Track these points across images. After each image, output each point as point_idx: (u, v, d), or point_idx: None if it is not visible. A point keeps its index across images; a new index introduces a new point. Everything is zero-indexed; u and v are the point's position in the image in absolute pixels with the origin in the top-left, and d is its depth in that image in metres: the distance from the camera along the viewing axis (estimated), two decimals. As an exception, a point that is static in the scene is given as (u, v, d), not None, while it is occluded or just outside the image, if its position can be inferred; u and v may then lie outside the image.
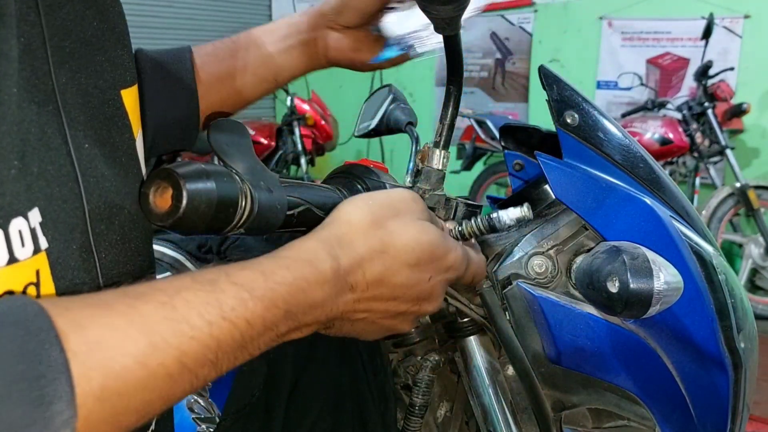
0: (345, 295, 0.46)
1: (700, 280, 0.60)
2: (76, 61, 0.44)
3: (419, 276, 0.49)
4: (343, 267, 0.45)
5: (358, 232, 0.47)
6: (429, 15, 0.56)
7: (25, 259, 0.37)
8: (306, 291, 0.42)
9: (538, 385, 0.66)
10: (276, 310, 0.40)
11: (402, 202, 0.51)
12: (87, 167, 0.43)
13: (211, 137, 0.48)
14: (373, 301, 0.48)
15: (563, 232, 0.65)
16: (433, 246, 0.50)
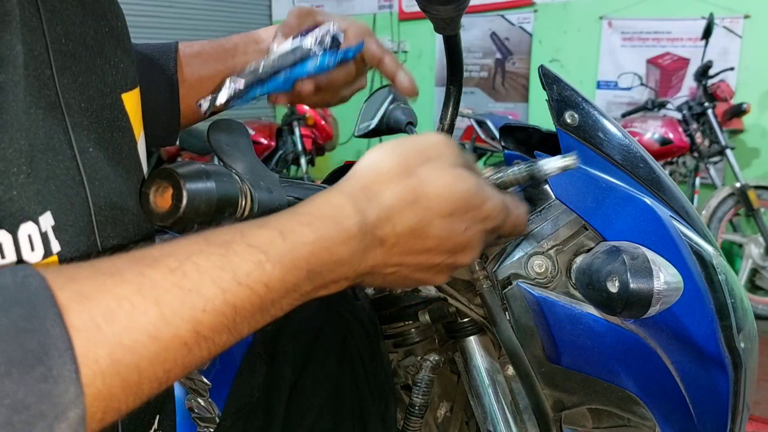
0: (374, 250, 0.43)
1: (700, 280, 0.60)
2: (78, 65, 0.44)
3: (454, 226, 0.45)
4: (370, 221, 0.42)
5: (387, 181, 0.44)
6: (429, 15, 0.56)
7: (34, 263, 0.37)
8: (330, 249, 0.39)
9: (538, 385, 0.66)
10: (297, 271, 0.37)
11: (434, 147, 0.47)
12: (92, 170, 0.43)
13: (211, 137, 0.48)
14: (405, 255, 0.45)
15: (563, 232, 0.65)
16: (469, 194, 0.45)
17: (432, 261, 0.47)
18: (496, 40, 4.94)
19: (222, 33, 4.88)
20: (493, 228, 0.50)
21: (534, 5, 4.70)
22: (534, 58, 4.77)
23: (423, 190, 0.44)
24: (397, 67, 0.72)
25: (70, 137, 0.42)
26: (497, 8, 4.80)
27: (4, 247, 0.35)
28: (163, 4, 5.21)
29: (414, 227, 0.44)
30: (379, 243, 0.43)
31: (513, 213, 0.52)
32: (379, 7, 5.47)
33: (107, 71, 0.47)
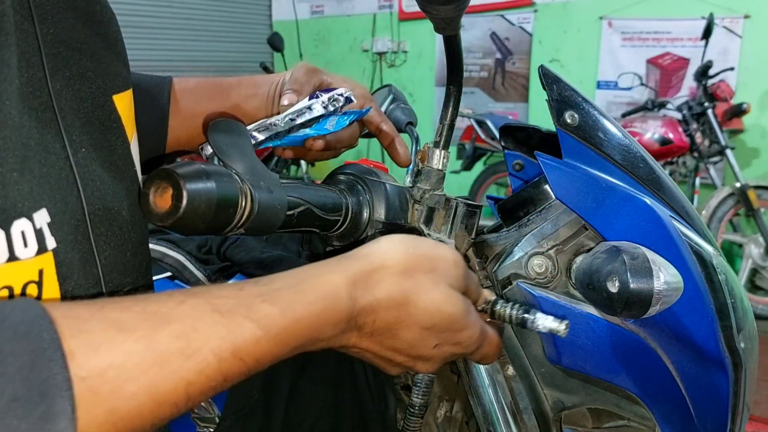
0: (350, 332, 0.46)
1: (700, 280, 0.60)
2: (69, 68, 0.45)
3: (427, 339, 0.49)
4: (358, 308, 0.45)
5: (386, 275, 0.46)
6: (429, 15, 0.56)
7: (26, 258, 0.38)
8: (319, 329, 0.43)
9: (538, 385, 0.66)
10: (285, 347, 0.40)
11: (442, 261, 0.50)
12: (85, 171, 0.44)
13: (211, 137, 0.48)
14: (374, 344, 0.48)
15: (563, 232, 0.65)
16: (452, 318, 0.49)
17: (393, 358, 0.50)
18: (496, 40, 4.94)
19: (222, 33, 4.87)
20: (461, 353, 0.53)
21: (534, 5, 4.70)
22: (534, 58, 4.77)
23: (414, 297, 0.47)
24: (394, 135, 0.77)
25: (62, 138, 0.43)
26: (497, 8, 4.80)
27: None
28: (162, 4, 5.20)
29: (391, 326, 0.47)
30: (357, 328, 0.46)
31: (487, 344, 0.55)
32: (379, 7, 5.47)
33: (98, 74, 0.48)
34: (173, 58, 5.30)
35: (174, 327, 0.35)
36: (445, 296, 0.48)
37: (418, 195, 0.64)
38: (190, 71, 5.47)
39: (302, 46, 5.86)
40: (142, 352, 0.33)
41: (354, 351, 0.49)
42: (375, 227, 0.60)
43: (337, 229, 0.59)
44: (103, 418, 0.31)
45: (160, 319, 0.35)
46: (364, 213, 0.60)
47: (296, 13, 5.89)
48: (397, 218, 0.61)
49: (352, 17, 5.65)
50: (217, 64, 5.69)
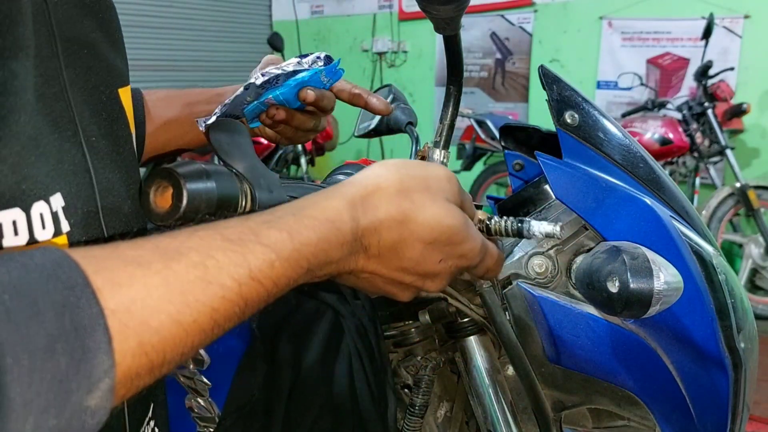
0: (358, 255, 0.47)
1: (700, 280, 0.60)
2: (80, 61, 0.46)
3: (431, 255, 0.49)
4: (361, 228, 0.46)
5: (383, 197, 0.47)
6: (429, 15, 0.56)
7: (44, 240, 0.39)
8: (327, 251, 0.43)
9: (538, 385, 0.66)
10: (299, 269, 0.41)
11: (435, 179, 0.51)
12: (96, 158, 0.46)
13: (211, 137, 0.48)
14: (382, 266, 0.49)
15: (563, 232, 0.65)
16: (452, 230, 0.49)
17: (402, 278, 0.50)
18: (496, 40, 4.94)
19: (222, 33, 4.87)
20: (466, 266, 0.53)
21: (534, 5, 4.70)
22: (534, 58, 4.77)
23: (413, 214, 0.48)
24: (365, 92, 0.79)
25: (76, 126, 0.44)
26: (497, 8, 4.80)
27: (18, 224, 0.38)
28: (163, 4, 5.20)
29: (395, 244, 0.48)
30: (363, 250, 0.47)
31: (490, 256, 0.55)
32: (379, 7, 5.47)
33: (104, 68, 0.50)
34: (173, 58, 5.30)
35: (190, 257, 0.36)
36: (443, 210, 0.49)
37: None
38: (191, 71, 5.47)
39: (302, 46, 5.86)
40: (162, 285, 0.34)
41: (364, 277, 0.49)
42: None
43: (337, 229, 0.59)
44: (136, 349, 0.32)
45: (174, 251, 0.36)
46: (364, 213, 0.59)
47: (296, 13, 5.89)
48: (397, 218, 0.61)
49: (352, 17, 5.65)
50: (217, 64, 5.69)
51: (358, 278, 0.50)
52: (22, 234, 0.38)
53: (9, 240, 0.37)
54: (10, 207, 0.37)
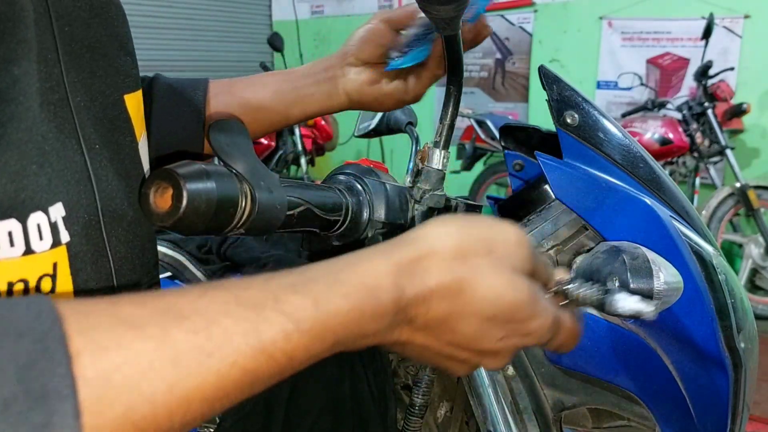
0: (401, 327, 0.40)
1: (700, 280, 0.60)
2: (83, 66, 0.45)
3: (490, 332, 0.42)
4: (406, 298, 0.39)
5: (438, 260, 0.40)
6: (429, 15, 0.56)
7: (41, 251, 0.38)
8: (360, 323, 0.37)
9: (538, 385, 0.66)
10: (323, 342, 0.36)
11: (503, 242, 0.43)
12: (98, 166, 0.45)
13: (211, 137, 0.48)
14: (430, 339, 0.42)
15: (563, 232, 0.65)
16: (516, 307, 0.42)
17: (456, 354, 0.44)
18: (496, 40, 4.94)
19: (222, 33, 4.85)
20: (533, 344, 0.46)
21: (534, 5, 4.70)
22: (534, 58, 4.76)
23: (470, 285, 0.41)
24: None
25: (77, 133, 0.43)
26: (497, 8, 4.80)
27: (13, 235, 0.36)
28: (163, 5, 5.20)
29: (446, 318, 0.41)
30: (408, 321, 0.40)
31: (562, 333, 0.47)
32: (379, 7, 5.47)
33: (110, 73, 0.49)
34: (173, 58, 5.30)
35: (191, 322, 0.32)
36: (506, 281, 0.41)
37: (418, 195, 0.64)
38: (191, 71, 5.47)
39: (302, 46, 5.86)
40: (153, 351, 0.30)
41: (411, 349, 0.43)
42: (375, 227, 0.60)
43: (337, 229, 0.59)
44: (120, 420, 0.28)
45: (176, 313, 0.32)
46: (364, 213, 0.60)
47: (296, 13, 5.89)
48: (397, 218, 0.61)
49: (352, 17, 5.65)
50: (217, 64, 5.69)
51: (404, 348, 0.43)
52: (18, 245, 0.36)
53: (4, 251, 0.36)
54: (6, 218, 0.36)
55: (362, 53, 0.73)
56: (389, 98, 0.74)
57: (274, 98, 0.75)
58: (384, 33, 0.72)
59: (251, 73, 0.81)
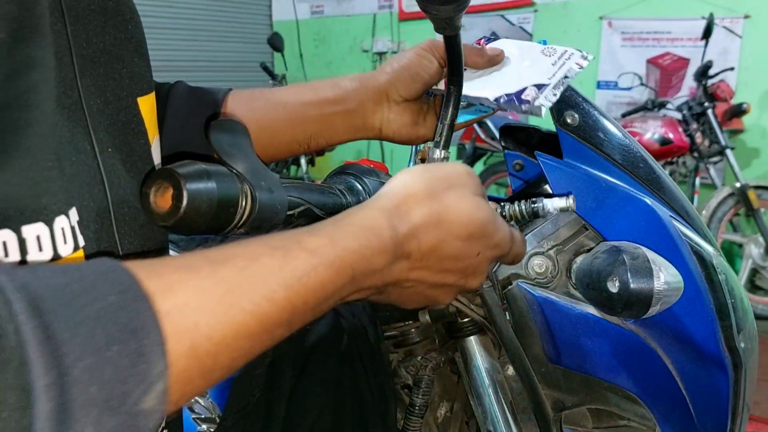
0: (401, 263, 0.47)
1: (700, 280, 0.60)
2: (97, 69, 0.46)
3: (469, 250, 0.50)
4: (400, 234, 0.46)
5: (415, 202, 0.48)
6: (429, 15, 0.56)
7: (66, 255, 0.39)
8: (369, 258, 0.43)
9: (538, 385, 0.66)
10: (344, 276, 0.41)
11: (457, 176, 0.51)
12: (110, 170, 0.45)
13: (212, 137, 0.48)
14: (425, 270, 0.49)
15: (563, 232, 0.66)
16: (484, 222, 0.50)
17: (446, 280, 0.51)
18: (496, 40, 4.93)
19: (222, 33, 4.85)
20: (500, 255, 0.54)
21: (534, 5, 4.70)
22: (534, 58, 4.76)
23: (446, 213, 0.48)
24: None
25: (91, 137, 0.44)
26: (497, 8, 4.80)
27: (41, 239, 0.38)
28: (163, 5, 5.20)
29: (435, 246, 0.48)
30: (405, 257, 0.47)
31: (516, 244, 0.56)
32: (379, 7, 5.47)
33: (124, 76, 0.49)
34: (173, 58, 5.30)
35: (236, 262, 0.36)
36: (472, 204, 0.50)
37: (418, 195, 0.64)
38: (191, 71, 5.47)
39: (302, 46, 5.86)
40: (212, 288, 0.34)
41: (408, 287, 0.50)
42: (375, 227, 0.60)
43: (337, 229, 0.59)
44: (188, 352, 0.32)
45: (222, 257, 0.36)
46: (365, 213, 0.59)
47: (296, 13, 5.89)
48: (397, 218, 0.61)
49: (352, 17, 5.65)
50: (217, 64, 5.69)
51: (403, 289, 0.50)
52: (46, 249, 0.38)
53: (33, 255, 0.37)
54: (32, 222, 0.37)
55: (409, 92, 0.70)
56: (421, 139, 0.74)
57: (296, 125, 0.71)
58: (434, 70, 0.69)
59: (251, 73, 0.79)
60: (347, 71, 5.77)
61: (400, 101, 0.70)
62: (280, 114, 0.70)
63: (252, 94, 0.72)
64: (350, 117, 0.71)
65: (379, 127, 0.72)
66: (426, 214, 0.48)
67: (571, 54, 0.68)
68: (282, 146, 0.72)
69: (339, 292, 0.42)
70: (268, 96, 0.72)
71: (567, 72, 0.66)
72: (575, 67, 0.66)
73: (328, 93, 0.71)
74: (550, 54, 0.68)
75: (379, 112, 0.71)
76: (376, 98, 0.70)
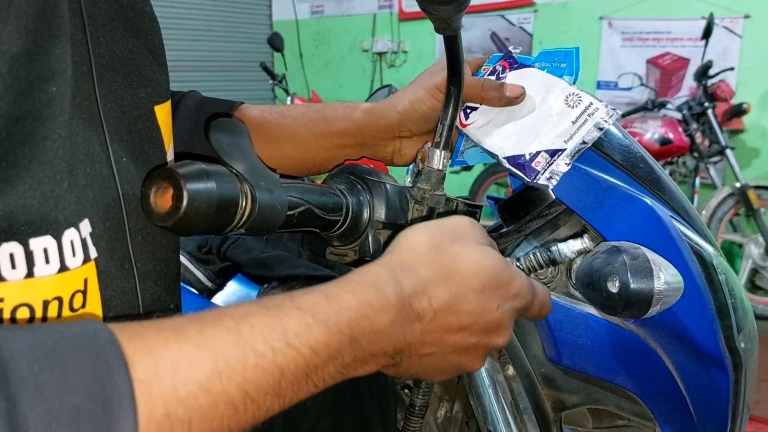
0: (412, 324, 0.43)
1: (700, 280, 0.60)
2: (116, 78, 0.46)
3: (487, 303, 0.46)
4: (407, 291, 0.43)
5: (420, 256, 0.45)
6: (429, 15, 0.56)
7: (75, 268, 0.39)
8: (370, 316, 0.40)
9: (538, 385, 0.66)
10: (340, 336, 0.38)
11: (460, 227, 0.49)
12: (125, 180, 0.45)
13: (211, 137, 0.48)
14: (442, 332, 0.45)
15: (563, 232, 0.65)
16: (497, 270, 0.47)
17: (468, 341, 0.46)
18: (496, 40, 4.93)
19: (222, 33, 4.85)
20: (522, 307, 0.50)
21: (534, 5, 4.70)
22: (534, 58, 4.76)
23: (455, 265, 0.45)
24: None
25: (107, 147, 0.44)
26: (497, 8, 4.80)
27: (49, 252, 0.37)
28: (163, 4, 5.20)
29: (449, 302, 0.44)
30: (417, 317, 0.43)
31: (539, 293, 0.52)
32: (379, 7, 5.47)
33: (142, 84, 0.49)
34: (173, 58, 5.28)
35: (224, 321, 0.35)
36: (480, 253, 0.47)
37: (418, 195, 0.64)
38: (191, 71, 5.47)
39: (302, 46, 5.86)
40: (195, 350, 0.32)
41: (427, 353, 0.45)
42: (375, 227, 0.60)
43: (337, 230, 0.59)
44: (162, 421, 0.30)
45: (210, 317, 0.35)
46: (365, 213, 0.60)
47: (296, 13, 5.89)
48: (397, 218, 0.61)
49: (352, 17, 5.65)
50: (217, 64, 5.69)
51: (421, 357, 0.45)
52: (53, 262, 0.37)
53: (40, 269, 0.37)
54: (41, 234, 0.36)
55: (421, 129, 0.69)
56: None
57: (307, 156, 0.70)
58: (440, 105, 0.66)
59: (251, 73, 0.79)
60: (347, 71, 5.78)
61: (411, 136, 0.71)
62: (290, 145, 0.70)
63: (263, 115, 0.71)
64: (362, 149, 0.71)
65: (391, 158, 0.72)
66: (434, 268, 0.45)
67: (596, 109, 0.62)
68: (290, 170, 0.73)
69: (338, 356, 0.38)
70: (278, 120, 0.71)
71: (585, 136, 0.61)
72: (595, 131, 0.61)
73: (341, 125, 0.70)
74: (575, 105, 0.63)
75: (391, 145, 0.71)
76: (388, 134, 0.70)
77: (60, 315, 0.38)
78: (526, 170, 0.63)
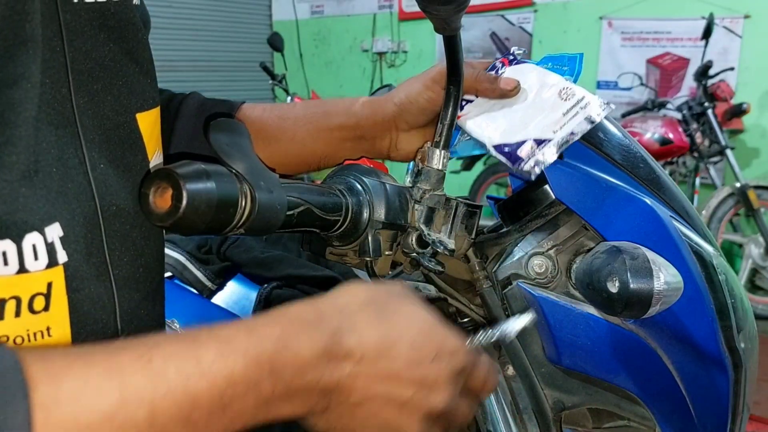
0: (340, 363, 0.40)
1: (700, 280, 0.60)
2: (95, 85, 0.46)
3: (422, 352, 0.43)
4: (334, 325, 0.41)
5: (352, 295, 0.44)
6: (429, 15, 0.56)
7: (36, 271, 0.39)
8: (293, 348, 0.38)
9: (538, 385, 0.66)
10: (258, 367, 0.36)
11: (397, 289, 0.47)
12: (102, 185, 0.45)
13: (211, 137, 0.48)
14: (373, 379, 0.42)
15: (563, 232, 0.65)
16: (432, 323, 0.45)
17: (402, 394, 0.43)
18: (496, 40, 4.94)
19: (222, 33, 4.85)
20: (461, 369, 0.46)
21: (534, 5, 4.70)
22: (534, 59, 4.76)
23: (390, 312, 0.44)
24: None
25: (83, 153, 0.44)
26: (497, 8, 4.80)
27: (8, 255, 0.38)
28: (163, 4, 5.20)
29: (380, 344, 0.42)
30: (346, 356, 0.41)
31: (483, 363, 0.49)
32: (379, 7, 5.47)
33: (124, 92, 0.49)
34: (173, 58, 5.30)
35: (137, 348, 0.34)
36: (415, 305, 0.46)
37: (418, 195, 0.64)
38: (191, 71, 5.47)
39: (302, 46, 5.86)
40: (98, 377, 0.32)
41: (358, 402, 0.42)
42: (375, 227, 0.60)
43: (337, 230, 0.59)
44: None
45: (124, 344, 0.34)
46: (364, 213, 0.60)
47: (296, 13, 5.89)
48: (397, 218, 0.61)
49: (352, 17, 5.65)
50: (217, 64, 5.69)
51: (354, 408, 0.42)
52: (12, 264, 0.38)
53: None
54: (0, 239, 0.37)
55: (417, 122, 0.70)
56: None
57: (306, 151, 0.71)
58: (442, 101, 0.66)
59: (251, 73, 0.79)
60: (347, 71, 5.78)
61: (408, 129, 0.71)
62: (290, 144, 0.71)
63: (264, 113, 0.72)
64: (360, 142, 0.72)
65: (387, 152, 0.72)
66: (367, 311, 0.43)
67: (588, 103, 0.62)
68: (291, 167, 0.73)
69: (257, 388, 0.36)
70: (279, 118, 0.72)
71: (575, 128, 0.61)
72: (585, 123, 0.61)
73: (341, 119, 0.71)
74: (567, 98, 0.63)
75: (388, 138, 0.71)
76: (385, 127, 0.71)
77: (18, 315, 0.39)
78: (512, 157, 0.63)
